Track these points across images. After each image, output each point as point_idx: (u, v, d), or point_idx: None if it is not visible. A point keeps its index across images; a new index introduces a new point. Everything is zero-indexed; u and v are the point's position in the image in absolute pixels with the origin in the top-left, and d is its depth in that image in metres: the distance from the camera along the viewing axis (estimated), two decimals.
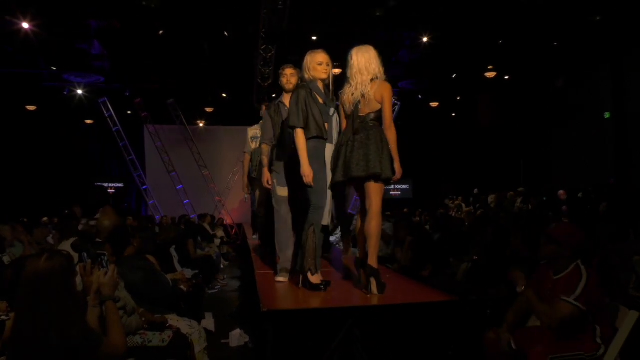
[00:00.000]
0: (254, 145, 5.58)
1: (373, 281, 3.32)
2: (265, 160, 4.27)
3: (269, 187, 4.15)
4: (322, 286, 3.44)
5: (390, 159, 3.32)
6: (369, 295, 3.29)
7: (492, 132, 16.62)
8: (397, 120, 16.45)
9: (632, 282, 4.45)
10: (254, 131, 5.67)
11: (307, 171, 3.33)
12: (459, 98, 16.49)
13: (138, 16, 11.09)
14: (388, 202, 15.04)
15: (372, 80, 3.38)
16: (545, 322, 2.79)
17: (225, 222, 15.09)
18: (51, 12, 10.45)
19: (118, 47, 13.21)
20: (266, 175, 4.21)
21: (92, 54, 13.77)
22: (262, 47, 10.47)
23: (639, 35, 11.50)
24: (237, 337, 4.65)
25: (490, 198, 12.41)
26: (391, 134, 3.36)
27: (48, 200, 14.29)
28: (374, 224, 3.32)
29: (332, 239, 9.67)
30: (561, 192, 11.43)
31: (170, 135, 16.11)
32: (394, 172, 3.33)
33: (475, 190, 14.18)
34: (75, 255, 2.73)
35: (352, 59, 3.45)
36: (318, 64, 3.51)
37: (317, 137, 3.43)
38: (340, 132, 3.60)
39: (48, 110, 14.64)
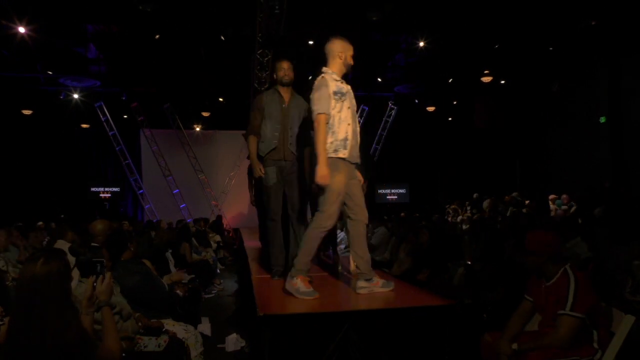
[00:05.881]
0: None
1: None
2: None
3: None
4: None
5: None
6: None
7: (489, 137, 16.65)
8: (394, 124, 16.52)
9: (628, 286, 4.45)
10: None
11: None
12: (455, 102, 16.52)
13: (134, 20, 11.08)
14: (384, 207, 15.20)
15: None
16: (558, 347, 2.71)
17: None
18: (47, 16, 10.43)
19: (114, 51, 13.20)
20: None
21: (89, 58, 13.77)
22: (259, 52, 10.49)
23: (634, 39, 11.56)
24: (233, 341, 4.63)
25: (485, 203, 12.39)
26: None
27: (44, 204, 14.26)
28: None
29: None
30: (564, 196, 11.48)
31: (167, 140, 16.08)
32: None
33: (475, 195, 14.16)
34: (72, 259, 2.72)
35: None
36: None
37: None
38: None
39: (44, 114, 14.58)
